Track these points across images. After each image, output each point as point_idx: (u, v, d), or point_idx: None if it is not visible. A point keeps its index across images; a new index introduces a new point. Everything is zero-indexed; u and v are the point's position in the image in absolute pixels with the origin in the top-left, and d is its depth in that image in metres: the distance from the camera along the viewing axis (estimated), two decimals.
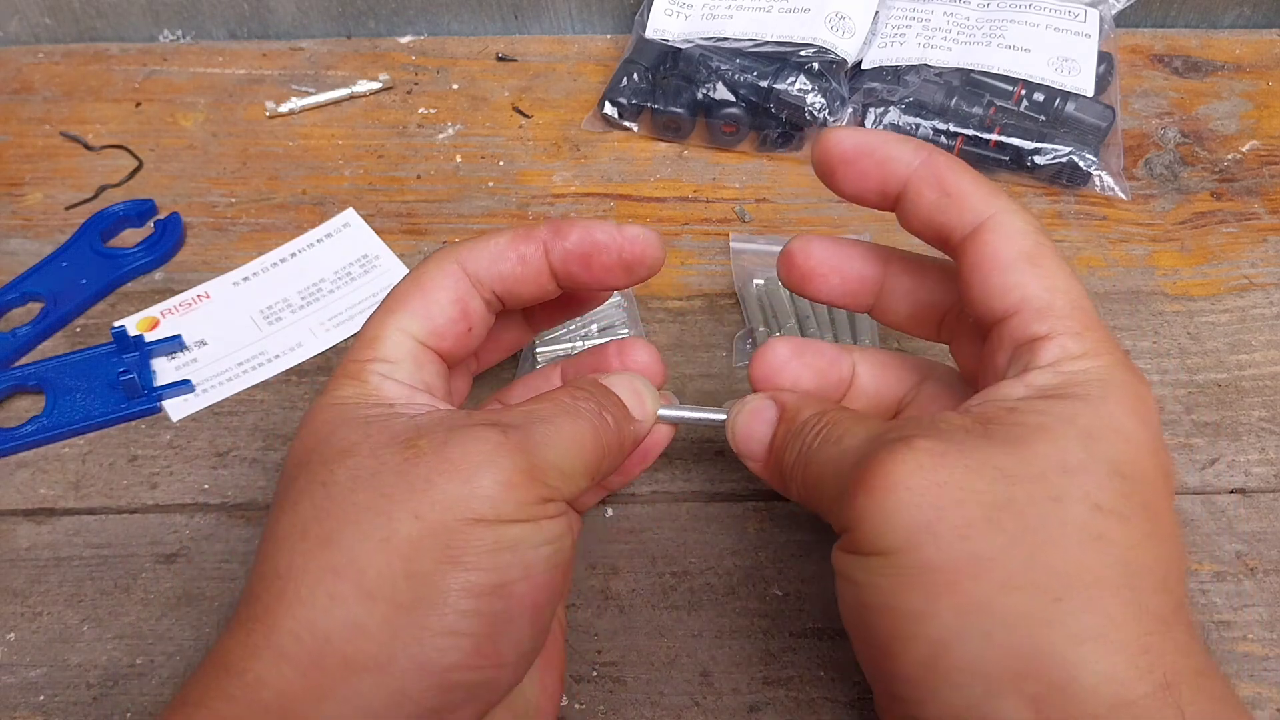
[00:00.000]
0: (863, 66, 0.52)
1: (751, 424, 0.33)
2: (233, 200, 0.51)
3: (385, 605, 0.25)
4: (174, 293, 0.47)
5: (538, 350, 0.43)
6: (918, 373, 0.34)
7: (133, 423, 0.42)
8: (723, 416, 0.34)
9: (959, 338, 0.33)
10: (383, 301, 0.31)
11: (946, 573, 0.24)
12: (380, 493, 0.26)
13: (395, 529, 0.25)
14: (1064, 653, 0.23)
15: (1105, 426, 0.26)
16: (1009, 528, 0.24)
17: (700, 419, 0.34)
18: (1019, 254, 0.28)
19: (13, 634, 0.36)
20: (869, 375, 0.34)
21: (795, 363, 0.33)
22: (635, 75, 0.53)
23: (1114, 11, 0.54)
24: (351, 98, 0.56)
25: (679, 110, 0.51)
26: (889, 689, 0.26)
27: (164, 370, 0.44)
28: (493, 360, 0.37)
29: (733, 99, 0.50)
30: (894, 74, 0.51)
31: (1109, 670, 0.23)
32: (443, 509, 0.26)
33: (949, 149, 0.49)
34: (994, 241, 0.29)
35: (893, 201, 0.31)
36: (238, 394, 0.43)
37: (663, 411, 0.34)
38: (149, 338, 0.44)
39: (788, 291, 0.45)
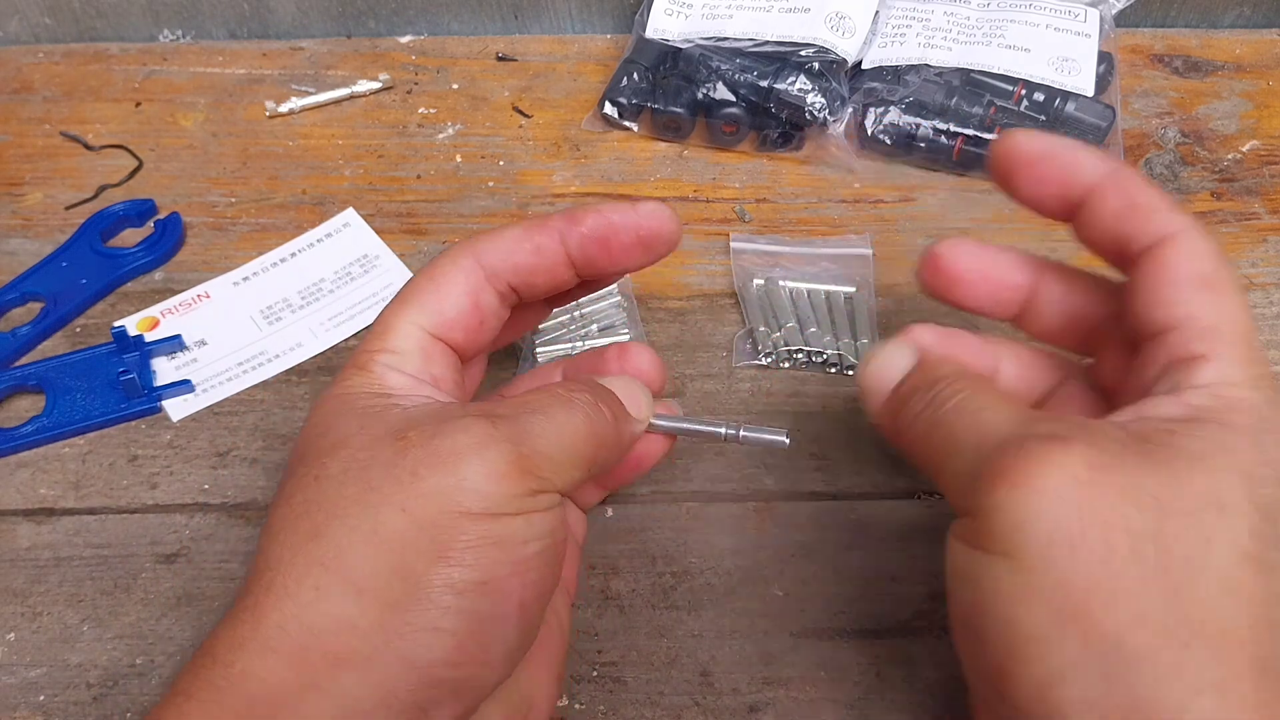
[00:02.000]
0: (863, 66, 0.52)
1: (887, 365, 0.31)
2: (233, 200, 0.51)
3: (371, 600, 0.25)
4: (174, 293, 0.47)
5: (538, 350, 0.43)
6: (1061, 372, 0.33)
7: (133, 423, 0.42)
8: (720, 430, 0.34)
9: (1107, 350, 0.32)
10: (396, 294, 0.32)
11: (1078, 595, 0.23)
12: (369, 485, 0.26)
13: (382, 522, 0.25)
14: (1182, 701, 0.22)
15: (1262, 464, 0.25)
16: (1152, 561, 0.23)
17: (699, 430, 0.34)
18: (1196, 274, 0.28)
19: (13, 634, 0.36)
20: (1013, 371, 0.33)
21: (940, 347, 0.32)
22: (635, 75, 0.53)
23: (1114, 11, 0.54)
24: (351, 98, 0.56)
25: (679, 110, 0.51)
26: (993, 702, 0.25)
27: (164, 370, 0.44)
28: (510, 339, 0.37)
29: (733, 99, 0.50)
30: (894, 74, 0.51)
31: None
32: (430, 502, 0.26)
33: (949, 149, 0.49)
34: (1174, 257, 0.28)
35: (1072, 209, 0.31)
36: (238, 394, 0.43)
37: (662, 421, 0.34)
38: (149, 338, 0.44)
39: (787, 291, 0.45)
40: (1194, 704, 0.22)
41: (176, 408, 0.43)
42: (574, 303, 0.44)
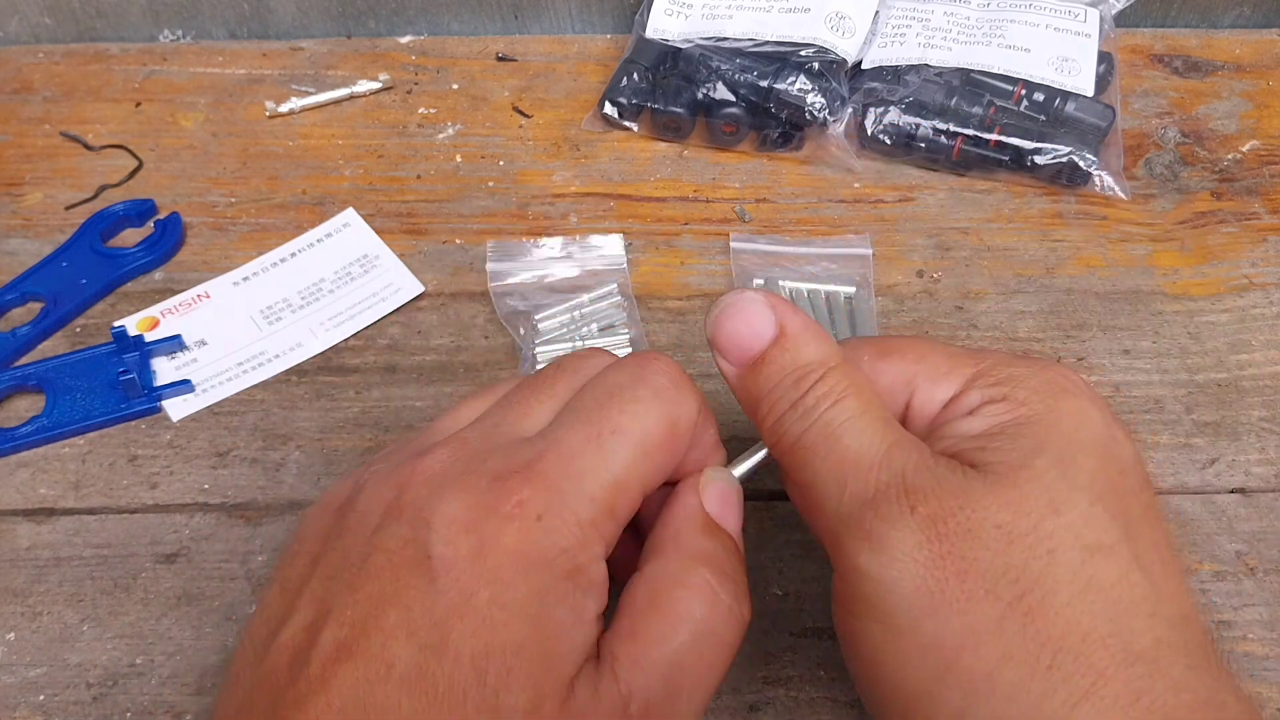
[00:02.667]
0: (863, 66, 0.52)
1: (740, 327, 0.28)
2: (233, 200, 0.51)
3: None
4: (174, 293, 0.47)
5: (537, 350, 0.43)
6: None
7: (133, 423, 0.42)
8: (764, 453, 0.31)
9: None
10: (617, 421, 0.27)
11: (947, 650, 0.24)
12: None
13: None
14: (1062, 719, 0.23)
15: (1067, 443, 0.26)
16: (1006, 595, 0.24)
17: (756, 464, 0.31)
18: (871, 358, 0.29)
19: (13, 634, 0.36)
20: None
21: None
22: (635, 75, 0.53)
23: (1114, 11, 0.54)
24: (351, 98, 0.56)
25: (679, 110, 0.51)
26: None
27: (164, 370, 0.44)
28: None
29: (733, 99, 0.50)
30: (894, 74, 0.51)
31: None
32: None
33: (949, 149, 0.49)
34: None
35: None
36: (238, 394, 0.43)
37: (738, 470, 0.31)
38: (149, 338, 0.44)
39: (787, 291, 0.45)
40: (1071, 718, 0.23)
41: (176, 408, 0.43)
42: (574, 303, 0.45)
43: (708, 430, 0.29)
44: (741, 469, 0.31)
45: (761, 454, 0.31)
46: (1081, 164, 0.48)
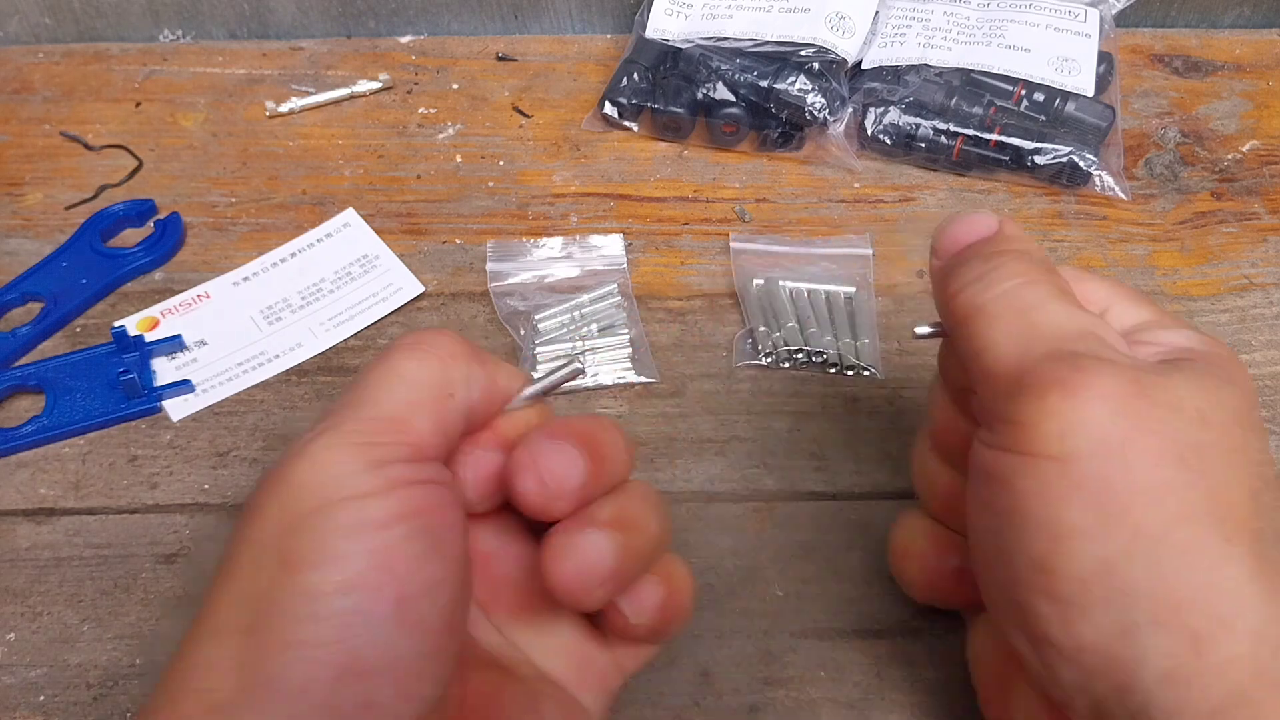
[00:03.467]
0: (863, 66, 0.52)
1: (967, 225, 0.30)
2: (233, 200, 0.51)
3: (228, 634, 0.23)
4: (174, 293, 0.47)
5: (537, 349, 0.43)
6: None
7: (133, 423, 0.42)
8: (578, 366, 0.30)
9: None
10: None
11: (1127, 496, 0.24)
12: (238, 535, 0.25)
13: (231, 556, 0.24)
14: (1235, 589, 0.23)
15: (1247, 385, 0.27)
16: (1195, 467, 0.24)
17: (559, 379, 0.30)
18: (1072, 273, 0.30)
19: (13, 634, 0.36)
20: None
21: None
22: (635, 75, 0.53)
23: (1114, 11, 0.54)
24: (351, 98, 0.56)
25: (679, 110, 0.51)
26: (1027, 606, 0.25)
27: (164, 370, 0.44)
28: None
29: (733, 99, 0.50)
30: (894, 74, 0.51)
31: (1275, 613, 0.23)
32: (272, 518, 0.24)
33: (949, 149, 0.49)
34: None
35: None
36: (238, 394, 0.43)
37: (527, 391, 0.29)
38: (149, 338, 0.44)
39: (787, 291, 0.45)
40: (1247, 589, 0.23)
41: (176, 408, 0.43)
42: (574, 303, 0.45)
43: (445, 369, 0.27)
44: (536, 387, 0.29)
45: (562, 371, 0.29)
46: (1081, 164, 0.48)
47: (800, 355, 0.43)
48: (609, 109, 0.52)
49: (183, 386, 0.43)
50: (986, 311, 0.27)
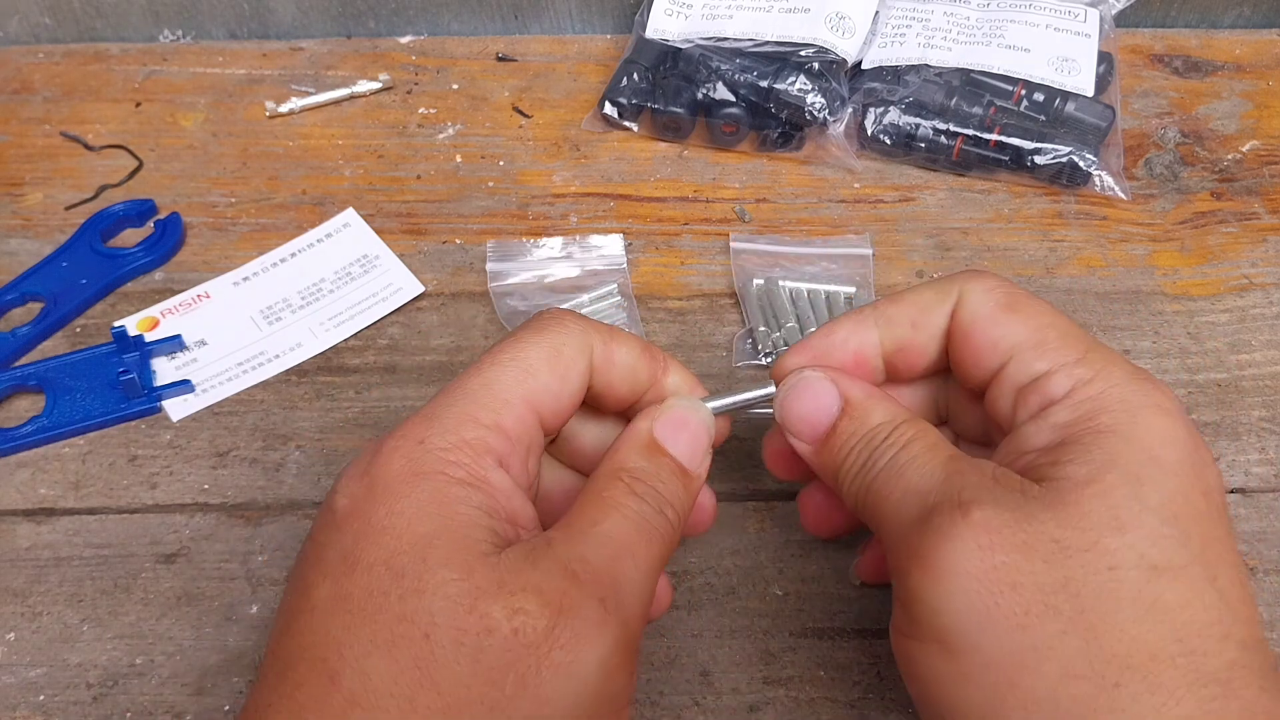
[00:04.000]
0: (863, 66, 0.52)
1: (808, 407, 0.30)
2: (233, 200, 0.51)
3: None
4: (174, 293, 0.47)
5: None
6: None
7: (133, 423, 0.42)
8: (772, 392, 0.32)
9: (956, 414, 0.33)
10: (495, 354, 0.28)
11: (1007, 668, 0.24)
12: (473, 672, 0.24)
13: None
14: None
15: (1146, 461, 0.25)
16: (1066, 610, 0.23)
17: (749, 399, 0.32)
18: (995, 306, 0.29)
19: (13, 634, 0.36)
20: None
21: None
22: (635, 75, 0.53)
23: (1114, 11, 0.54)
24: (351, 98, 0.56)
25: (679, 110, 0.51)
26: None
27: (164, 370, 0.44)
28: None
29: (733, 99, 0.50)
30: (894, 74, 0.51)
31: None
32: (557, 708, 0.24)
33: (949, 149, 0.49)
34: (969, 306, 0.29)
35: (875, 376, 0.32)
36: (238, 394, 0.43)
37: (713, 404, 0.32)
38: (149, 338, 0.44)
39: (787, 291, 0.45)
40: None
41: (176, 408, 0.43)
42: (574, 303, 0.45)
43: (619, 350, 0.30)
44: (718, 402, 0.32)
45: (750, 394, 0.32)
46: (1081, 164, 0.48)
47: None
48: (609, 109, 0.52)
49: (183, 386, 0.43)
50: (873, 492, 0.28)
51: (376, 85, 0.56)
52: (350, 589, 0.24)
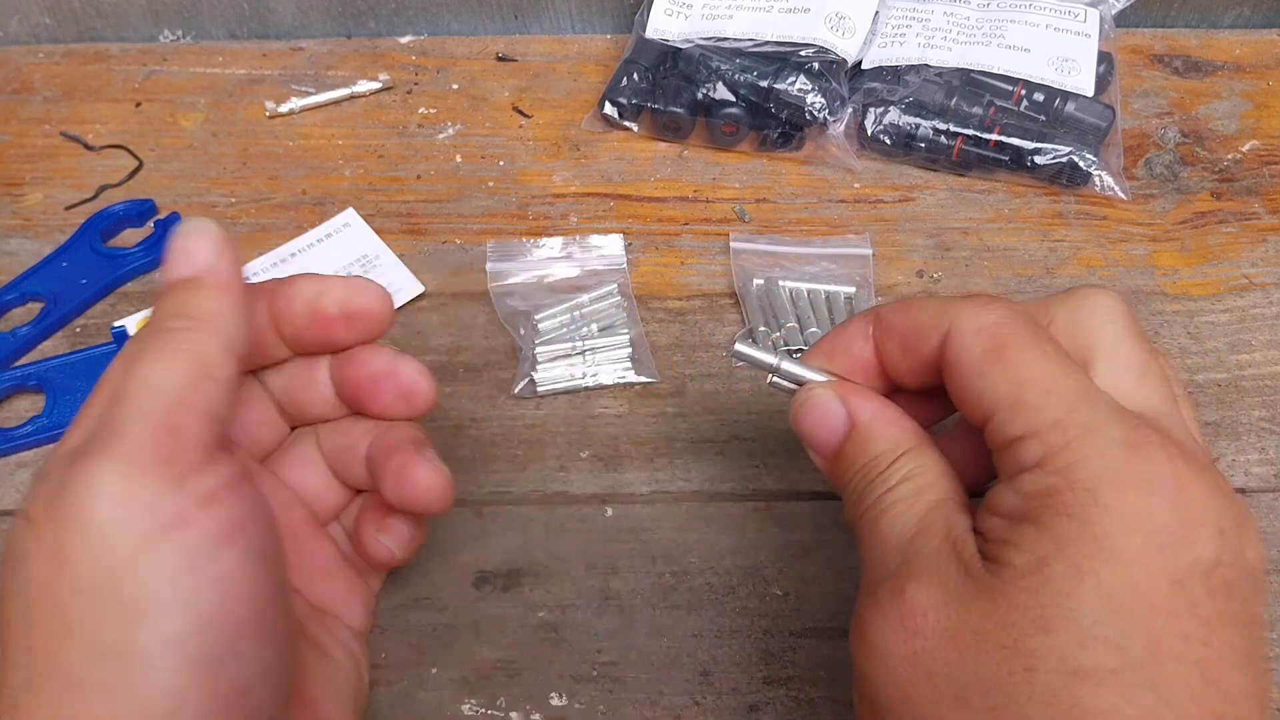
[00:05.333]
0: (863, 66, 0.52)
1: (818, 425, 0.30)
2: (233, 200, 0.51)
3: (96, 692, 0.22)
4: None
5: (537, 349, 0.43)
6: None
7: None
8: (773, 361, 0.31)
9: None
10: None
11: None
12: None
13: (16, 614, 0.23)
14: None
15: (1096, 552, 0.23)
16: (978, 707, 0.23)
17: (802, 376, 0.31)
18: (981, 353, 0.26)
19: None
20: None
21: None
22: (635, 75, 0.53)
23: (1114, 11, 0.54)
24: (351, 98, 0.56)
25: (679, 110, 0.51)
26: None
27: None
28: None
29: (733, 99, 0.50)
30: (894, 74, 0.51)
31: None
32: (87, 560, 0.22)
33: (949, 149, 0.49)
34: (955, 347, 0.27)
35: (885, 379, 0.30)
36: None
37: (740, 348, 0.31)
38: None
39: (787, 291, 0.45)
40: None
41: None
42: (574, 303, 0.45)
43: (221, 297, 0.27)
44: (789, 364, 0.31)
45: (807, 373, 0.31)
46: (1081, 164, 0.48)
47: (800, 355, 0.43)
48: (609, 109, 0.52)
49: None
50: (859, 531, 0.28)
51: (376, 85, 0.56)
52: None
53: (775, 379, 0.31)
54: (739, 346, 0.31)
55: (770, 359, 0.31)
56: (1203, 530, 0.23)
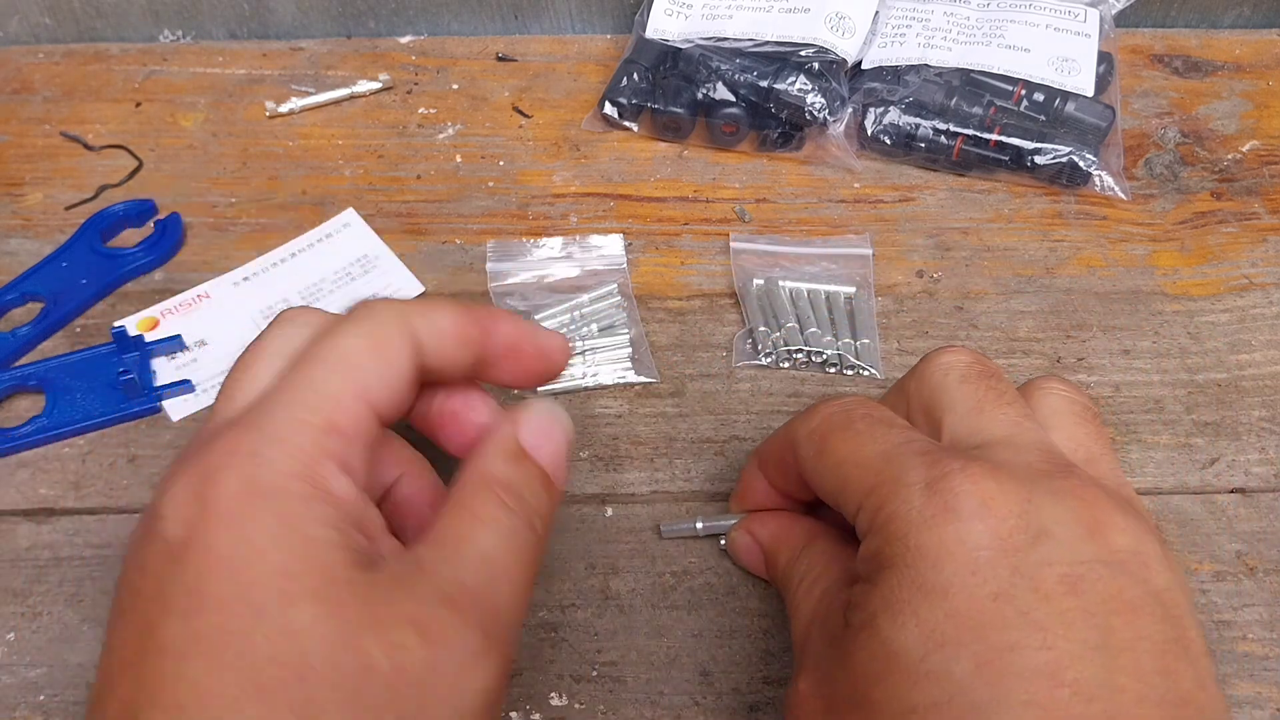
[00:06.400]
0: (863, 66, 0.52)
1: (744, 559, 0.36)
2: (233, 200, 0.51)
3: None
4: (174, 293, 0.47)
5: None
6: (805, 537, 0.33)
7: (133, 423, 0.42)
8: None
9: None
10: (312, 352, 0.26)
11: None
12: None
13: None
14: None
15: (914, 592, 0.24)
16: None
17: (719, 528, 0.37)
18: (812, 454, 0.30)
19: (13, 634, 0.36)
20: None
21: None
22: (635, 75, 0.53)
23: (1114, 11, 0.54)
24: (351, 98, 0.56)
25: (679, 110, 0.51)
26: None
27: (164, 370, 0.44)
28: None
29: (733, 99, 0.50)
30: (894, 74, 0.51)
31: None
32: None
33: (949, 149, 0.49)
34: (799, 459, 0.30)
35: (787, 498, 0.35)
36: None
37: (701, 524, 0.37)
38: (149, 338, 0.44)
39: (787, 291, 0.45)
40: None
41: (176, 408, 0.43)
42: (574, 303, 0.45)
43: (440, 319, 0.27)
44: (708, 522, 0.38)
45: (723, 523, 0.37)
46: (1081, 164, 0.48)
47: (800, 355, 0.43)
48: (609, 109, 0.52)
49: (183, 386, 0.43)
50: (798, 610, 0.31)
51: (376, 85, 0.56)
52: (203, 628, 0.22)
53: (705, 534, 0.37)
54: (664, 527, 0.38)
55: (689, 523, 0.37)
56: (1021, 537, 0.24)
